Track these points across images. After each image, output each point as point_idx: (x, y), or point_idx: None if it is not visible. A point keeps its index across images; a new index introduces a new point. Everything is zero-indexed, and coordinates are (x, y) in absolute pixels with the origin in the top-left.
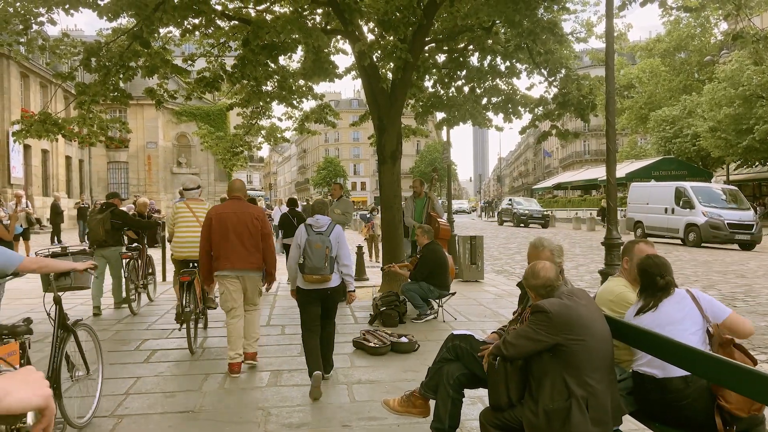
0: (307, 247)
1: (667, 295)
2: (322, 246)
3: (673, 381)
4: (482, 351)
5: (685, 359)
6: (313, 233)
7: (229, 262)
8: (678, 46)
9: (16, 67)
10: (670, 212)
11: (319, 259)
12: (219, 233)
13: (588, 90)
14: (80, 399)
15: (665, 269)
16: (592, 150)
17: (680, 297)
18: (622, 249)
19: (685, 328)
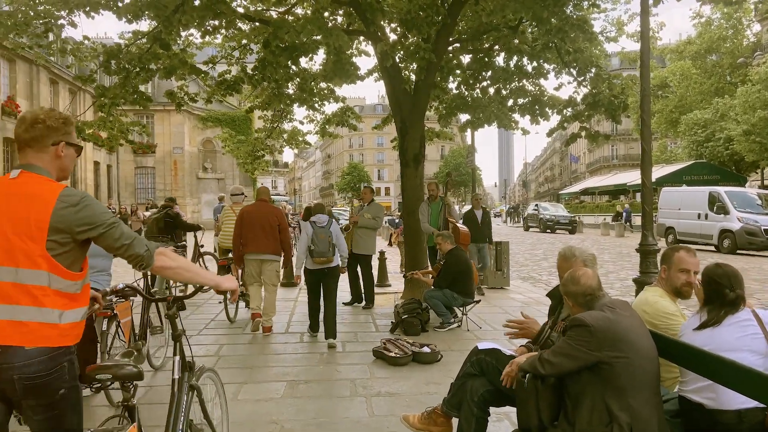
0: (314, 238)
1: (733, 312)
2: (325, 237)
3: (725, 414)
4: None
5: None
6: (318, 228)
7: (253, 247)
8: (709, 48)
9: (45, 73)
10: (703, 218)
11: (325, 246)
12: (247, 226)
13: (620, 90)
14: None
15: (736, 281)
16: (620, 155)
17: (744, 317)
18: (660, 256)
19: (743, 357)
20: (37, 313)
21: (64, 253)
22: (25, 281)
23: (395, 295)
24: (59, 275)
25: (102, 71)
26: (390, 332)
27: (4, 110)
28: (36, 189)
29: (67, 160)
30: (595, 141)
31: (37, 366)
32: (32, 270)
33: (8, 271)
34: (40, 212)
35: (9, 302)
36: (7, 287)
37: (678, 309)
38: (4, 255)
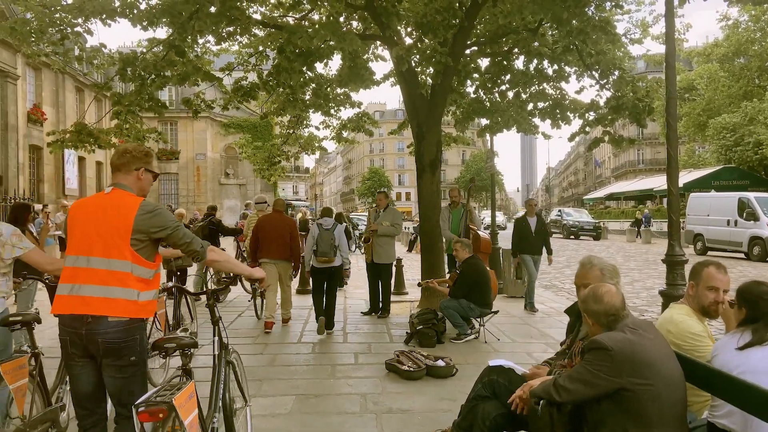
0: (319, 239)
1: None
2: (329, 238)
3: None
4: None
5: None
6: (323, 230)
7: (268, 254)
8: (737, 51)
9: (71, 81)
10: (732, 224)
11: (327, 246)
12: (263, 234)
13: (644, 93)
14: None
15: None
16: (647, 159)
17: None
18: (689, 271)
19: None
20: (123, 292)
21: (142, 248)
22: (114, 269)
23: (411, 304)
24: (139, 264)
25: (119, 78)
26: (404, 343)
27: (30, 118)
28: (123, 201)
29: (145, 182)
30: (619, 146)
31: (115, 333)
32: (120, 260)
33: (103, 261)
34: (126, 218)
35: (103, 284)
36: (102, 273)
37: (705, 329)
38: (100, 249)
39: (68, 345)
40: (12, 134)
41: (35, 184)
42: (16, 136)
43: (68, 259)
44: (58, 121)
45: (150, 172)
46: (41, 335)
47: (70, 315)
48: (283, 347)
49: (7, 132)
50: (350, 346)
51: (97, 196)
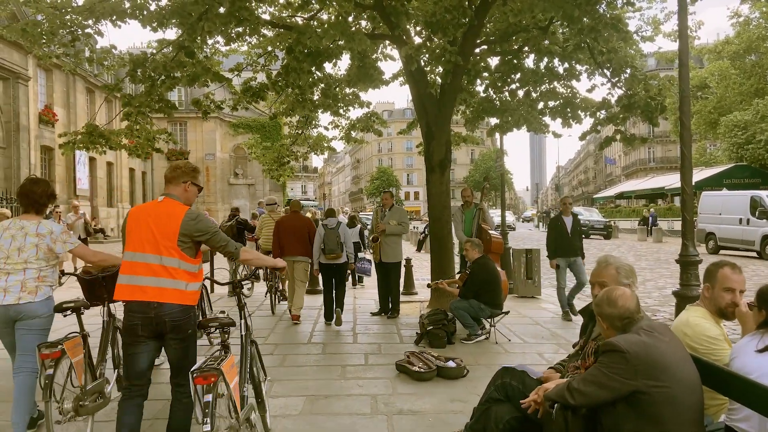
0: (326, 238)
1: None
2: (334, 237)
3: None
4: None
5: None
6: (328, 229)
7: (287, 251)
8: (748, 48)
9: (82, 82)
10: (745, 223)
11: (333, 244)
12: (283, 233)
13: (657, 91)
14: None
15: None
16: (658, 157)
17: None
18: (703, 273)
19: None
20: (172, 283)
21: (187, 248)
22: (166, 264)
23: (421, 304)
24: (185, 261)
25: (129, 80)
26: (414, 344)
27: (41, 119)
28: (172, 209)
29: (191, 193)
30: (631, 144)
31: (177, 314)
32: (170, 257)
33: (157, 257)
34: (174, 223)
35: (157, 276)
36: (157, 267)
37: (722, 333)
38: (153, 247)
39: (139, 328)
40: (24, 135)
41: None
42: (28, 136)
43: (126, 254)
44: (69, 122)
45: (195, 185)
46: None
47: (137, 302)
48: (292, 348)
49: (19, 133)
50: (360, 346)
51: (151, 203)
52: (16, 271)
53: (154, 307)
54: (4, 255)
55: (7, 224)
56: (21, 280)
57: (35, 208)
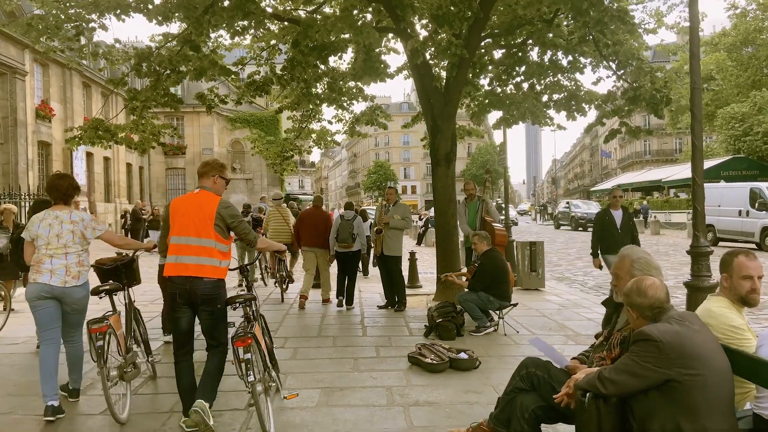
0: (340, 228)
1: None
2: (348, 228)
3: None
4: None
5: None
6: (344, 221)
7: (306, 242)
8: (745, 40)
9: (78, 77)
10: (744, 215)
11: (346, 234)
12: (303, 226)
13: (662, 83)
14: None
15: None
16: (654, 150)
17: None
18: (719, 264)
19: None
20: (209, 261)
21: (220, 231)
22: (204, 245)
23: (427, 297)
24: (219, 242)
25: (133, 74)
26: (424, 336)
27: (38, 114)
28: (208, 199)
29: (219, 186)
30: (636, 136)
31: (210, 288)
32: (207, 239)
33: (197, 239)
34: (210, 210)
35: (198, 255)
36: (197, 248)
37: (745, 322)
38: (195, 231)
39: (177, 296)
40: (21, 130)
41: (45, 180)
42: (25, 132)
43: (173, 239)
44: (66, 117)
45: (223, 178)
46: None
47: (178, 276)
48: (303, 341)
49: (17, 128)
50: (370, 339)
51: (189, 195)
52: (58, 255)
53: (190, 281)
54: (44, 242)
55: (42, 215)
56: (65, 265)
57: (63, 200)
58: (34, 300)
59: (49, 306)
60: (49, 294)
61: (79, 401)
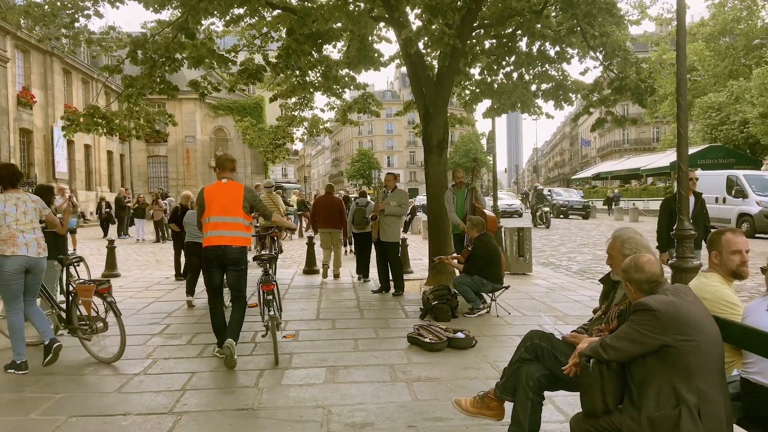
0: (355, 213)
1: None
2: (362, 213)
3: None
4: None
5: None
6: (359, 207)
7: (323, 224)
8: (723, 30)
9: (59, 63)
10: (721, 202)
11: (360, 217)
12: (319, 210)
13: (647, 74)
14: None
15: None
16: (632, 139)
17: None
18: (708, 243)
19: None
20: (240, 233)
21: (246, 210)
22: (235, 221)
23: (420, 282)
24: (245, 219)
25: (129, 61)
26: (420, 318)
27: (20, 101)
28: (235, 186)
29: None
30: (622, 125)
31: (237, 253)
32: (237, 216)
33: (231, 218)
34: (239, 194)
35: (231, 229)
36: (231, 224)
37: (737, 298)
38: (228, 211)
39: (212, 260)
40: (3, 118)
41: (26, 168)
42: (7, 119)
43: (211, 218)
44: (47, 103)
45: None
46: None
47: (216, 246)
48: (303, 324)
49: None
50: (368, 321)
51: (218, 184)
52: (28, 230)
53: (223, 248)
54: (13, 218)
55: (4, 197)
56: (36, 238)
57: (12, 185)
58: (16, 273)
59: (22, 278)
60: (28, 265)
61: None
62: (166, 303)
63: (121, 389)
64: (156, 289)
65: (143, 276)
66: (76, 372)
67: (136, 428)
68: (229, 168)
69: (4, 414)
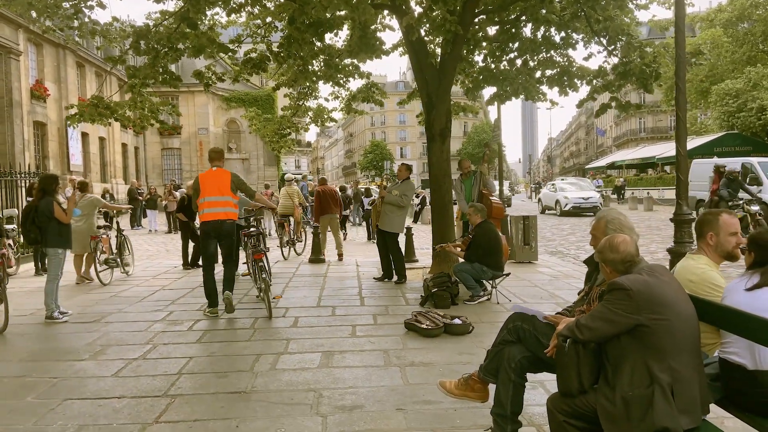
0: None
1: None
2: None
3: (765, 374)
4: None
5: None
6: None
7: (327, 210)
8: (741, 16)
9: (72, 56)
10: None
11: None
12: (322, 197)
13: (652, 58)
14: None
15: None
16: (648, 127)
17: None
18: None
19: None
20: (229, 209)
21: (234, 190)
22: (225, 200)
23: (423, 270)
24: (233, 197)
25: (132, 52)
26: (420, 305)
27: (33, 94)
28: (224, 172)
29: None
30: (626, 111)
31: (229, 226)
32: (227, 196)
33: (222, 197)
34: (227, 179)
35: (223, 207)
36: (221, 202)
37: (724, 282)
38: (219, 192)
39: (209, 232)
40: (17, 110)
41: (40, 160)
42: (21, 112)
43: (206, 198)
44: (61, 96)
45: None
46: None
47: (212, 220)
48: (303, 310)
49: (12, 108)
50: (368, 308)
51: (211, 171)
52: None
53: (219, 223)
54: None
55: None
56: None
57: None
58: None
59: None
60: None
61: None
62: (171, 291)
63: (118, 373)
64: (163, 277)
65: (152, 265)
66: (75, 357)
67: (128, 410)
68: (217, 158)
69: (1, 398)
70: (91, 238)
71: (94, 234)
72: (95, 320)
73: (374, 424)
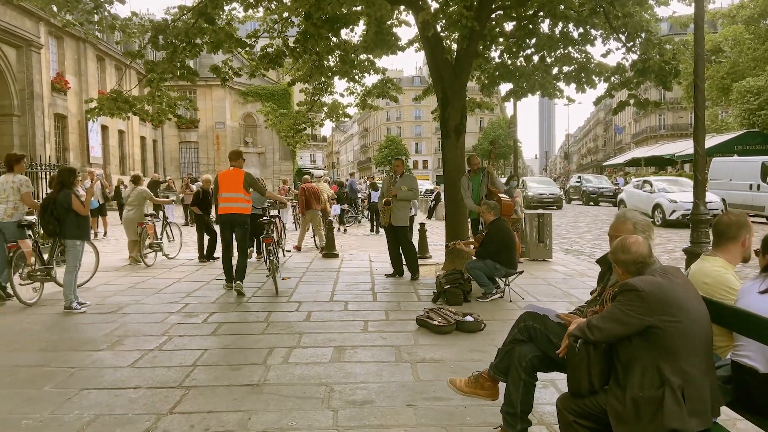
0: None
1: None
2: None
3: None
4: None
5: None
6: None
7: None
8: (763, 12)
9: (92, 50)
10: (755, 189)
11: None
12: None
13: (671, 55)
14: None
15: None
16: (668, 124)
17: None
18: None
19: None
20: (241, 204)
21: (246, 188)
22: (239, 197)
23: (436, 266)
24: (246, 194)
25: (150, 47)
26: (432, 302)
27: (54, 87)
28: (239, 172)
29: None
30: (645, 108)
31: (242, 218)
32: (240, 193)
33: (236, 193)
34: (241, 178)
35: (236, 202)
36: (236, 198)
37: (740, 284)
38: (234, 189)
39: (225, 222)
40: (38, 103)
41: (61, 152)
42: (42, 104)
43: (222, 194)
44: (81, 90)
45: (243, 159)
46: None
47: (228, 213)
48: (316, 305)
49: (33, 101)
50: (380, 304)
51: (228, 170)
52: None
53: (233, 215)
54: None
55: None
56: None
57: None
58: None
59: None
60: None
61: None
62: (186, 283)
63: (135, 364)
64: (179, 270)
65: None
66: (93, 347)
67: (144, 401)
68: (234, 158)
69: (20, 387)
70: (138, 224)
71: (140, 221)
72: (113, 311)
73: (384, 420)
